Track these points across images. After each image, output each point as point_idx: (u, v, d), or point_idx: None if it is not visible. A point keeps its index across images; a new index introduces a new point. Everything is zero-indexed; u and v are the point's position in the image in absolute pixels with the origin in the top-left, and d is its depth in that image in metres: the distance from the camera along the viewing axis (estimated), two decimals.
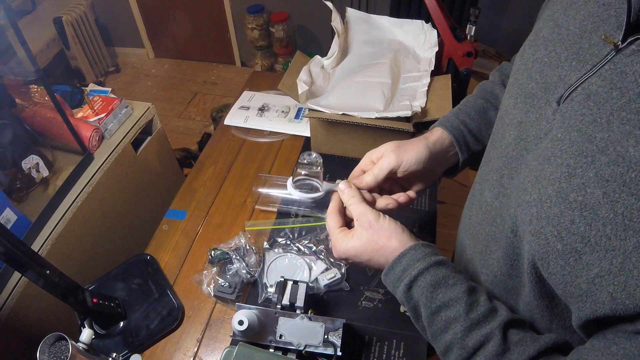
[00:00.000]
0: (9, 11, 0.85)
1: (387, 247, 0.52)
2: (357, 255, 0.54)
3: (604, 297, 0.34)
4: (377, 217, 0.54)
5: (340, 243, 0.55)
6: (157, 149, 1.33)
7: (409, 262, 0.50)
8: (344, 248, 0.55)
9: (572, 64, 0.40)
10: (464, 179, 2.07)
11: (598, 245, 0.34)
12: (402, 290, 0.50)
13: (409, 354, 0.73)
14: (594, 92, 0.37)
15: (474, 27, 1.24)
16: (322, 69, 1.10)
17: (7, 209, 0.86)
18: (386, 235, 0.53)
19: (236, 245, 0.84)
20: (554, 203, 0.38)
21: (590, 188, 0.35)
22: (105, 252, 1.13)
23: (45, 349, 0.58)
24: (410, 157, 0.60)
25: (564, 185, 0.37)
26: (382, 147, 0.62)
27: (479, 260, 0.55)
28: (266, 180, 0.95)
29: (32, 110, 1.07)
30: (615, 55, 0.36)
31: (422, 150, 0.61)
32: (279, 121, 1.18)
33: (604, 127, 0.35)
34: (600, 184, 0.34)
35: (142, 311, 0.80)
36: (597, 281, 0.34)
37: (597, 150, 0.35)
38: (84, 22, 2.86)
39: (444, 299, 0.47)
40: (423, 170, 0.62)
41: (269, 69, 3.01)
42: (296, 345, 0.65)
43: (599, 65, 0.37)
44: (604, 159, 0.34)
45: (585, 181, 0.35)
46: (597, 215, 0.34)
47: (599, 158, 0.35)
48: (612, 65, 0.36)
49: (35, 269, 0.64)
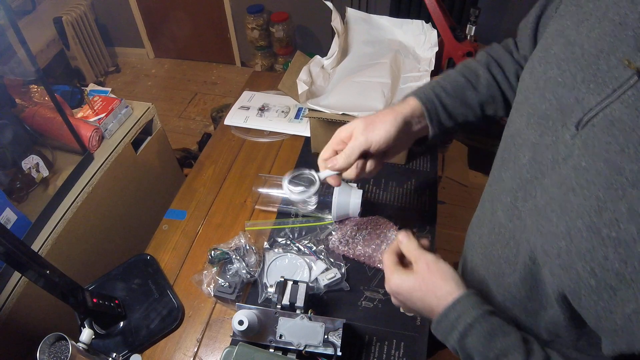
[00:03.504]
0: (9, 11, 0.85)
1: (442, 288, 0.51)
2: (410, 291, 0.53)
3: None
4: (436, 260, 0.53)
5: (396, 277, 0.54)
6: (157, 149, 1.33)
7: (463, 309, 0.49)
8: (398, 282, 0.54)
9: (589, 87, 0.39)
10: (464, 179, 2.07)
11: (634, 281, 0.33)
12: (456, 338, 0.49)
13: (409, 354, 0.73)
14: (618, 119, 0.36)
15: (474, 27, 1.24)
16: (322, 69, 1.10)
17: (7, 209, 0.86)
18: (442, 277, 0.52)
19: (236, 245, 0.84)
20: (585, 238, 0.36)
21: (623, 224, 0.34)
22: (105, 252, 1.13)
23: (45, 349, 0.58)
24: (379, 138, 0.60)
25: (595, 219, 0.36)
26: (351, 125, 0.62)
27: (494, 282, 0.55)
28: (266, 180, 0.95)
29: (32, 110, 1.07)
30: (638, 81, 0.35)
31: (390, 130, 0.61)
32: (279, 121, 1.18)
33: (632, 159, 0.34)
34: (634, 220, 0.33)
35: (142, 311, 0.80)
36: (633, 317, 0.33)
37: (627, 183, 0.34)
38: (84, 22, 2.86)
39: (502, 347, 0.46)
40: (392, 145, 0.62)
41: (269, 69, 3.01)
42: (296, 345, 0.65)
43: (621, 91, 0.36)
44: (636, 193, 0.33)
45: (617, 216, 0.34)
46: (632, 251, 0.33)
47: (631, 192, 0.34)
48: (636, 92, 0.35)
49: (35, 269, 0.64)
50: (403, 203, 0.96)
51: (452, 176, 2.08)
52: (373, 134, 0.60)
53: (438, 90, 0.65)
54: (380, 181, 1.01)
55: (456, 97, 0.65)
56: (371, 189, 0.99)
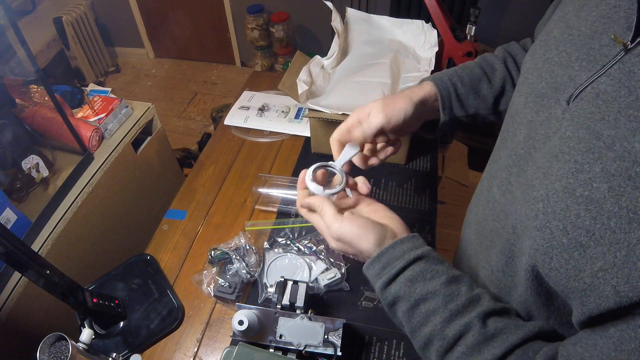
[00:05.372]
0: (9, 11, 0.85)
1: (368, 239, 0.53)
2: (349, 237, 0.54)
3: (607, 291, 0.34)
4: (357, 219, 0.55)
5: (332, 221, 0.55)
6: (157, 149, 1.33)
7: (388, 260, 0.51)
8: (335, 227, 0.55)
9: (582, 64, 0.41)
10: (463, 179, 2.07)
11: (602, 238, 0.34)
12: (380, 286, 0.51)
13: (409, 354, 0.73)
14: (603, 91, 0.38)
15: (474, 27, 1.24)
16: (322, 69, 1.10)
17: (7, 209, 0.86)
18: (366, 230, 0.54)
19: (236, 245, 0.84)
20: (560, 198, 0.38)
21: (596, 183, 0.36)
22: (105, 252, 1.13)
23: (45, 349, 0.58)
24: (398, 116, 0.60)
25: (571, 180, 0.38)
26: (369, 106, 0.62)
27: (483, 256, 0.56)
28: (266, 180, 0.95)
29: (32, 110, 1.07)
30: (625, 55, 0.36)
31: (408, 108, 0.61)
32: (279, 121, 1.18)
33: (611, 125, 0.36)
34: (606, 179, 0.35)
35: (142, 311, 0.80)
36: (600, 275, 0.34)
37: (604, 146, 0.36)
38: (84, 22, 2.86)
39: (422, 292, 0.48)
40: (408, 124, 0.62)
41: (269, 69, 3.01)
42: (296, 345, 0.65)
43: (609, 65, 0.38)
44: (611, 155, 0.35)
45: (591, 176, 0.36)
46: (602, 209, 0.35)
47: (606, 154, 0.35)
48: (621, 65, 0.37)
49: (35, 269, 0.64)
50: (403, 203, 0.96)
51: (452, 176, 2.08)
52: (393, 112, 0.60)
53: (455, 79, 0.66)
54: (380, 181, 1.01)
55: (471, 87, 0.66)
56: (371, 188, 0.99)
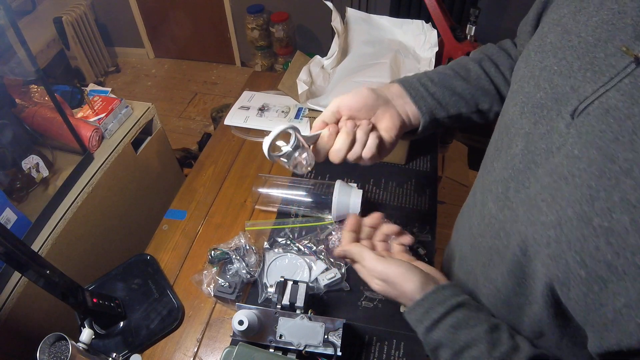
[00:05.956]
0: (9, 11, 0.85)
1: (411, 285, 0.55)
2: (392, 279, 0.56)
3: (631, 328, 0.32)
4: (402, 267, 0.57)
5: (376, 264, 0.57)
6: (157, 149, 1.33)
7: (431, 304, 0.52)
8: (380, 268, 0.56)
9: (586, 75, 0.38)
10: (463, 179, 2.07)
11: (626, 274, 0.32)
12: (423, 331, 0.52)
13: (409, 354, 0.73)
14: (613, 107, 0.35)
15: (474, 27, 1.24)
16: (322, 69, 1.10)
17: (7, 209, 0.86)
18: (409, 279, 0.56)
19: (236, 245, 0.84)
20: (575, 226, 0.36)
21: (616, 214, 0.33)
22: (105, 252, 1.13)
23: (45, 349, 0.58)
24: (347, 101, 0.58)
25: (586, 208, 0.35)
26: None
27: (481, 273, 0.54)
28: (266, 180, 0.95)
29: (32, 110, 1.07)
30: (636, 69, 0.34)
31: (358, 95, 0.59)
32: (279, 121, 1.18)
33: (626, 147, 0.33)
34: (627, 210, 0.32)
35: (142, 311, 0.80)
36: (625, 311, 0.32)
37: (620, 171, 0.33)
38: (84, 22, 2.86)
39: (466, 340, 0.48)
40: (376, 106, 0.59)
41: (269, 69, 3.01)
42: (296, 345, 0.65)
43: (618, 78, 0.35)
44: (629, 182, 0.32)
45: (610, 205, 0.33)
46: (625, 242, 0.32)
47: (624, 181, 0.33)
48: (633, 79, 0.34)
49: (35, 269, 0.64)
50: (403, 203, 0.96)
51: (452, 176, 2.08)
52: (344, 98, 0.59)
53: (424, 80, 0.64)
54: (380, 181, 1.01)
55: (444, 86, 0.63)
56: (371, 188, 0.99)
